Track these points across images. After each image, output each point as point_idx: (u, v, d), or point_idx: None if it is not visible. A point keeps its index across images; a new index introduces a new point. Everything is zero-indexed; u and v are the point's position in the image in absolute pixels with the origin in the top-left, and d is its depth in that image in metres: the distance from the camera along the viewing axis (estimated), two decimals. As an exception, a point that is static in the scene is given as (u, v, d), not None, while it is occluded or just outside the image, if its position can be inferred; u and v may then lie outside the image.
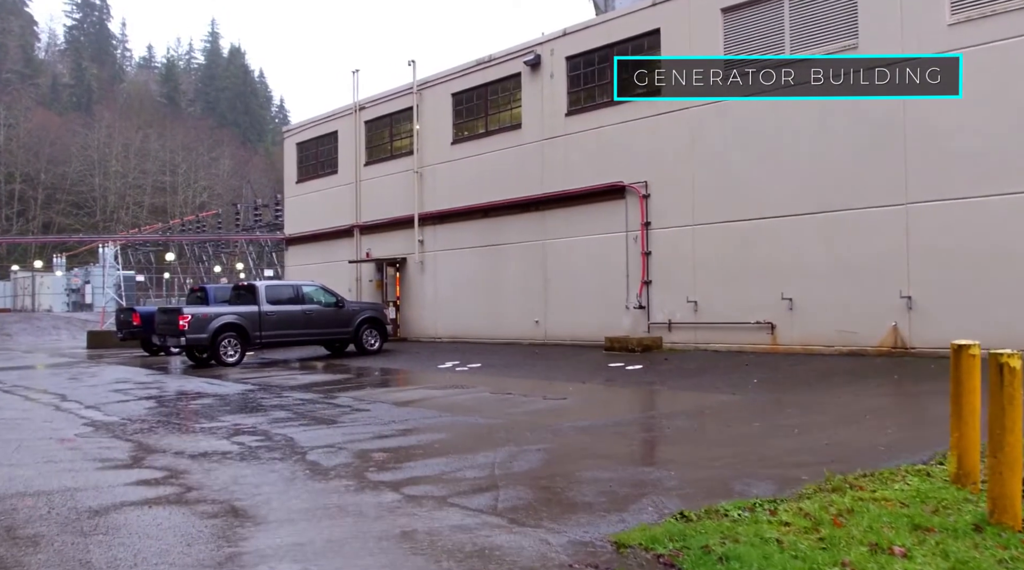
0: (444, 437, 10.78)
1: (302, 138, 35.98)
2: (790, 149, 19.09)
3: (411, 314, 29.86)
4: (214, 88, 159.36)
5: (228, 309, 23.52)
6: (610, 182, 22.81)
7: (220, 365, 22.86)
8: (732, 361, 18.48)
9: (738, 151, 20.01)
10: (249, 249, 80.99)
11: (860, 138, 17.91)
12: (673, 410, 12.68)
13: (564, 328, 24.20)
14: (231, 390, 17.20)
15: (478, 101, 27.47)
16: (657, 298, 21.84)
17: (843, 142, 18.20)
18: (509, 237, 25.99)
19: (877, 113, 17.64)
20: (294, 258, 36.65)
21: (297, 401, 15.04)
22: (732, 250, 20.11)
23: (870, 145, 17.78)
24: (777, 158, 19.29)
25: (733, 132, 20.09)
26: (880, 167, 17.60)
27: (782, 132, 19.21)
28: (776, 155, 19.30)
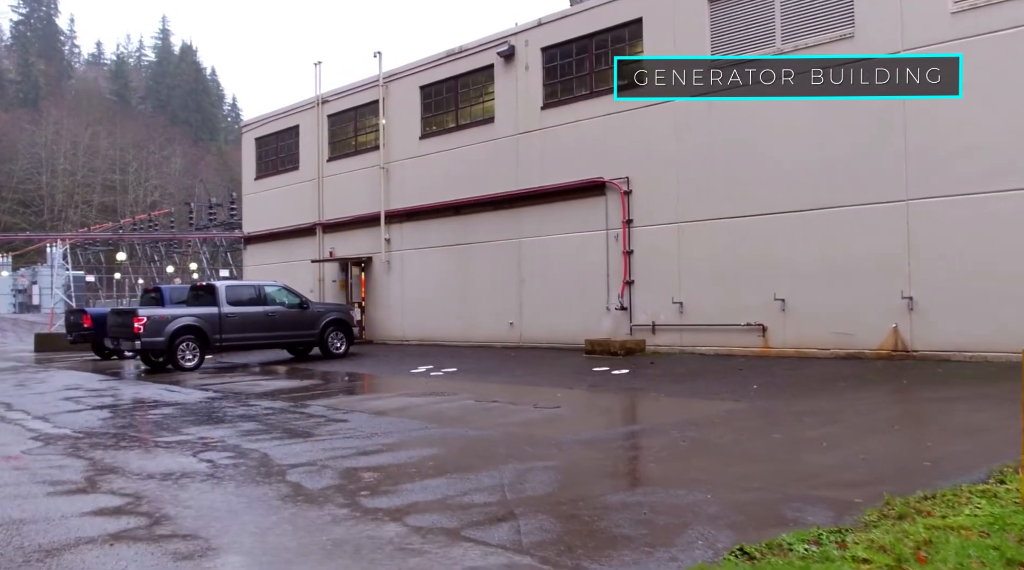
0: (437, 453, 9.73)
1: (261, 133, 34.63)
2: (783, 142, 18.27)
3: (377, 316, 28.71)
4: (165, 86, 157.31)
5: (186, 311, 22.23)
6: (589, 178, 21.87)
7: (178, 370, 21.56)
8: (723, 365, 17.61)
9: (727, 145, 19.16)
10: (203, 249, 79.08)
11: (858, 131, 17.13)
12: (679, 419, 11.72)
13: (540, 330, 23.21)
14: (192, 398, 15.98)
15: (448, 94, 26.39)
16: (640, 299, 20.92)
17: (840, 135, 17.41)
18: (481, 235, 24.95)
19: (876, 105, 16.86)
20: (252, 257, 35.29)
21: (266, 410, 13.88)
22: (721, 249, 19.26)
23: (869, 138, 17.00)
24: (769, 152, 18.46)
25: (721, 125, 19.23)
26: (879, 161, 16.83)
27: (774, 125, 18.39)
28: (768, 149, 18.48)
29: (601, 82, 22.03)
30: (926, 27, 16.29)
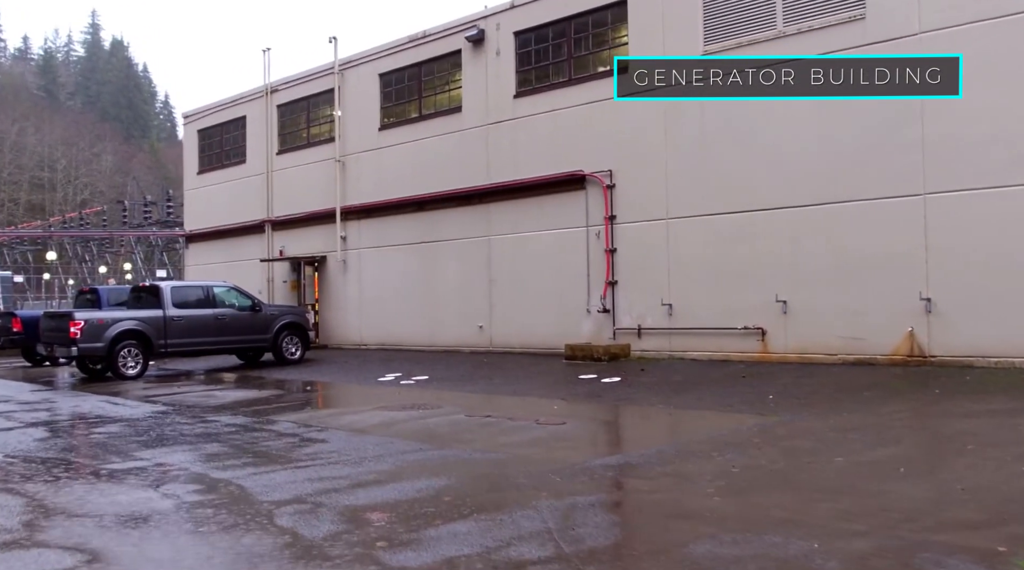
0: (449, 484, 8.16)
1: (205, 124, 32.56)
2: (784, 132, 16.99)
3: (332, 319, 26.93)
4: (95, 82, 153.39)
5: (128, 314, 20.30)
6: (568, 171, 20.41)
7: (119, 379, 19.64)
8: (722, 372, 16.27)
9: (722, 134, 17.83)
10: (137, 249, 76.01)
11: (869, 118, 15.89)
12: (709, 438, 10.29)
13: (513, 334, 21.68)
14: (140, 412, 14.18)
15: (410, 82, 24.74)
16: (624, 301, 19.51)
17: (849, 122, 16.17)
18: (448, 232, 23.34)
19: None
20: (195, 257, 33.20)
21: (228, 427, 12.18)
22: (715, 247, 17.92)
23: (881, 126, 15.77)
24: (769, 142, 17.16)
25: (716, 112, 17.90)
26: (893, 152, 15.61)
27: (773, 113, 17.09)
28: (768, 138, 17.18)
29: (581, 69, 20.58)
30: (941, 8, 15.11)
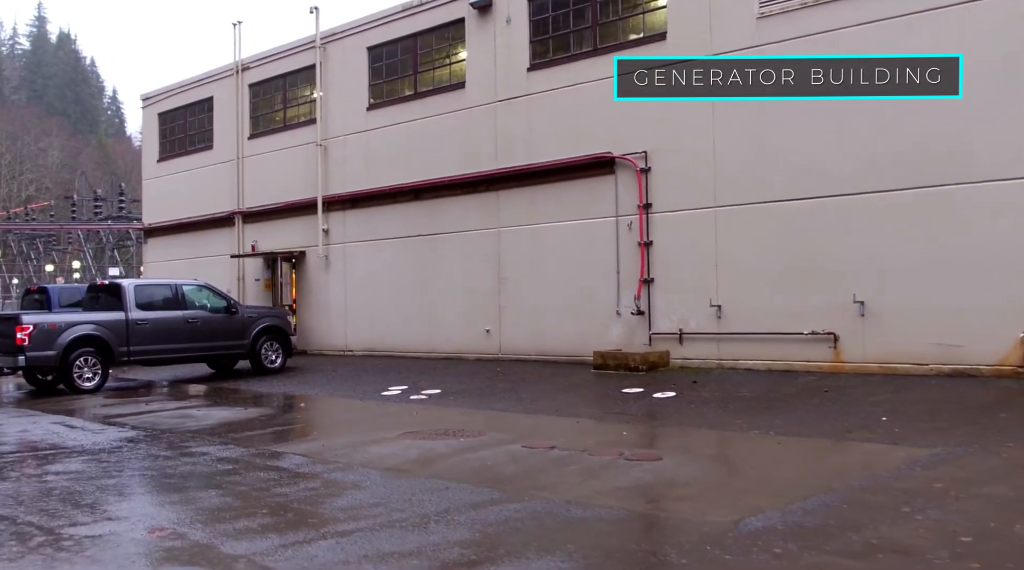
0: (576, 567, 5.57)
1: (166, 107, 29.50)
2: (861, 101, 14.56)
3: (312, 321, 24.13)
4: (41, 75, 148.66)
5: (84, 317, 17.41)
6: (594, 153, 17.86)
7: (74, 392, 16.80)
8: (793, 385, 13.84)
9: (784, 106, 15.38)
10: (87, 246, 72.14)
11: (973, 80, 13.49)
12: (870, 480, 7.78)
13: (526, 340, 19.09)
14: (105, 440, 11.38)
15: (404, 56, 22.03)
16: (662, 301, 17.02)
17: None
18: (449, 224, 20.67)
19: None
20: (155, 252, 30.13)
21: (222, 464, 9.47)
22: (775, 239, 15.49)
23: (988, 90, 13.39)
24: (843, 114, 14.75)
25: (776, 80, 15.45)
26: (1004, 124, 13.24)
27: (846, 76, 14.65)
28: (842, 109, 14.76)
29: (608, 37, 18.05)
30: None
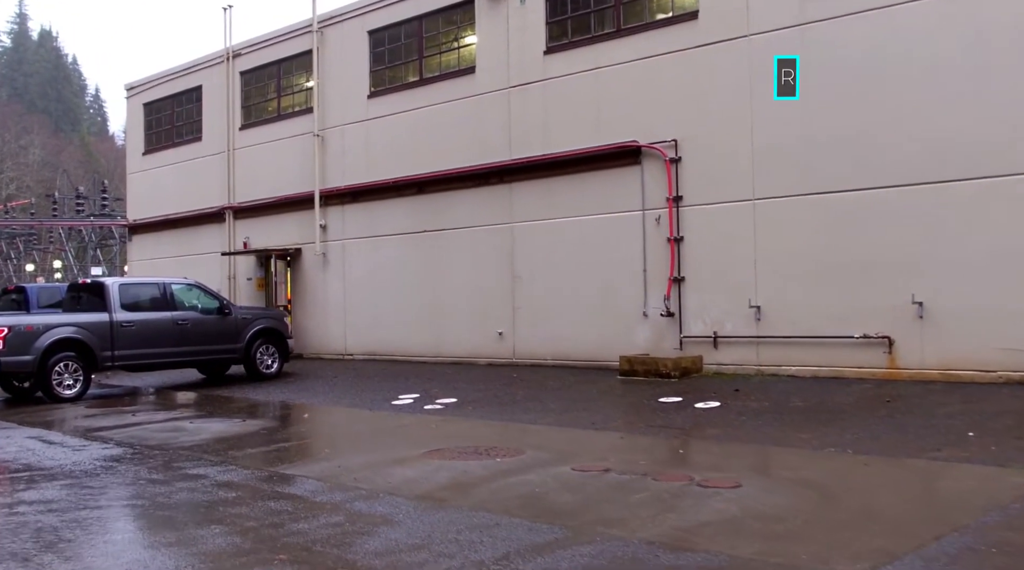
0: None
1: (152, 96, 28.00)
2: (921, 81, 13.30)
3: (308, 323, 22.71)
4: (22, 73, 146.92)
5: (64, 319, 15.99)
6: (618, 142, 16.55)
7: (53, 401, 15.45)
8: (848, 395, 12.54)
9: (831, 89, 14.10)
10: (69, 245, 70.32)
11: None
12: (1008, 511, 6.49)
13: (543, 343, 17.75)
14: (86, 459, 9.97)
15: (408, 40, 20.66)
16: (695, 302, 15.70)
17: (1016, 64, 12.51)
18: (457, 219, 19.31)
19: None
20: (140, 250, 28.62)
21: (224, 490, 8.09)
22: (822, 234, 14.19)
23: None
24: (899, 96, 13.46)
25: (822, 60, 14.18)
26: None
27: (908, 56, 13.41)
28: (897, 92, 13.48)
29: (633, 17, 16.73)
30: None
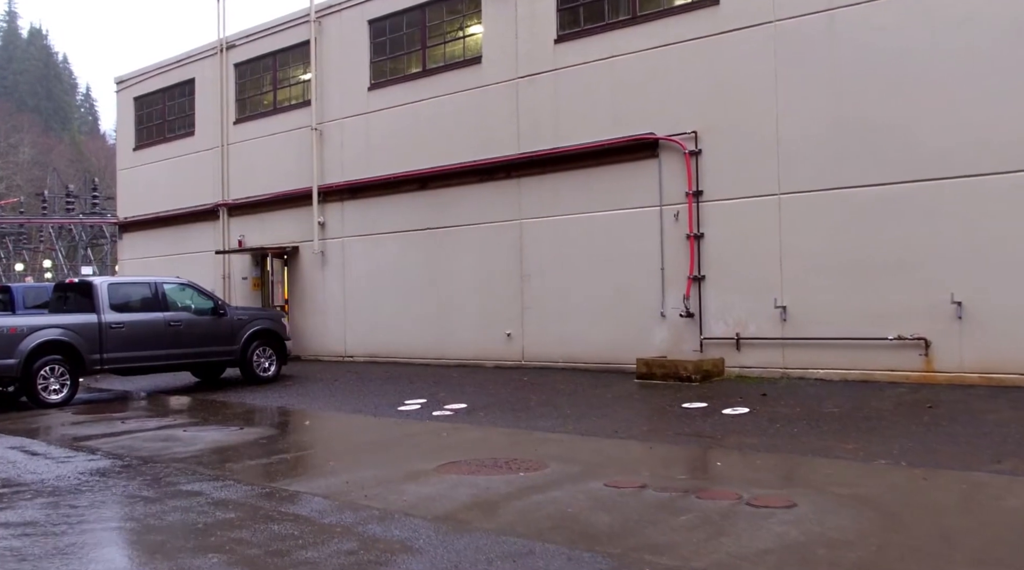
0: None
1: (143, 90, 27.17)
2: (956, 68, 12.57)
3: (306, 324, 21.90)
4: (12, 71, 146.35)
5: (50, 320, 15.17)
6: (633, 135, 15.80)
7: (38, 406, 14.66)
8: (883, 400, 11.79)
9: (861, 77, 13.38)
10: (59, 244, 69.32)
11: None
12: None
13: (553, 345, 16.98)
14: (71, 472, 9.16)
15: (411, 29, 19.87)
16: (716, 302, 14.96)
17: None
18: (463, 216, 18.54)
19: None
20: (131, 249, 27.78)
21: (218, 509, 7.30)
22: (852, 231, 13.45)
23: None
24: (934, 84, 12.74)
25: (852, 47, 13.45)
26: None
27: (943, 42, 12.68)
28: (932, 79, 12.76)
29: (649, 2, 15.98)
30: None
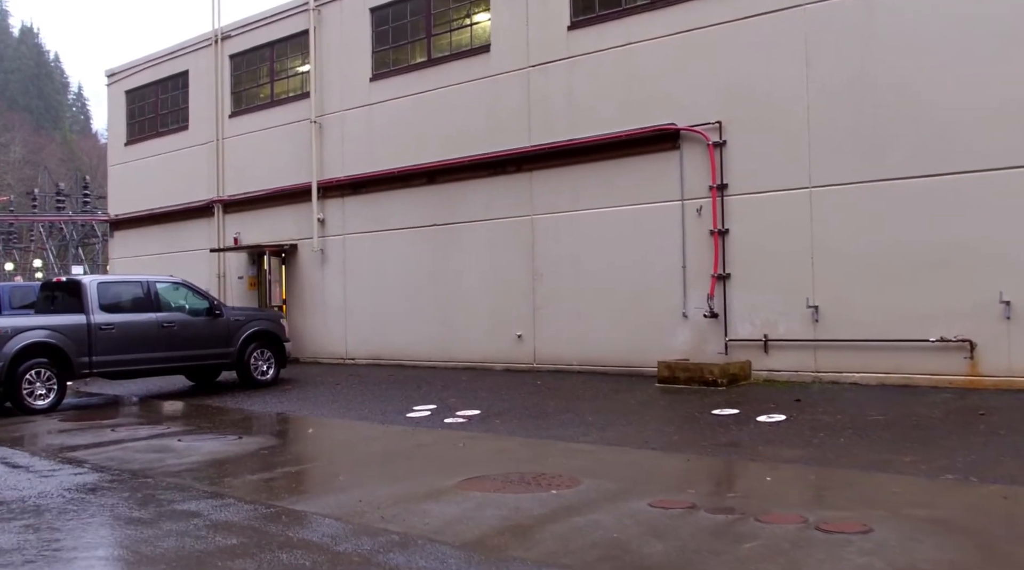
0: None
1: (135, 83, 26.29)
2: (1005, 50, 11.79)
3: (306, 325, 21.06)
4: (3, 70, 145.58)
5: (37, 321, 14.32)
6: (653, 126, 15.00)
7: (23, 413, 13.81)
8: (929, 405, 11.01)
9: (900, 61, 12.59)
10: (49, 244, 68.33)
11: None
12: None
13: (567, 347, 16.17)
14: (54, 487, 8.31)
15: (415, 16, 19.05)
16: (742, 302, 14.15)
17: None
18: (471, 212, 17.73)
19: None
20: (123, 247, 26.89)
21: (218, 533, 6.47)
22: (890, 226, 12.66)
23: None
24: (980, 67, 11.96)
25: (890, 28, 12.67)
26: None
27: (991, 21, 11.91)
28: (978, 62, 11.97)
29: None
30: None
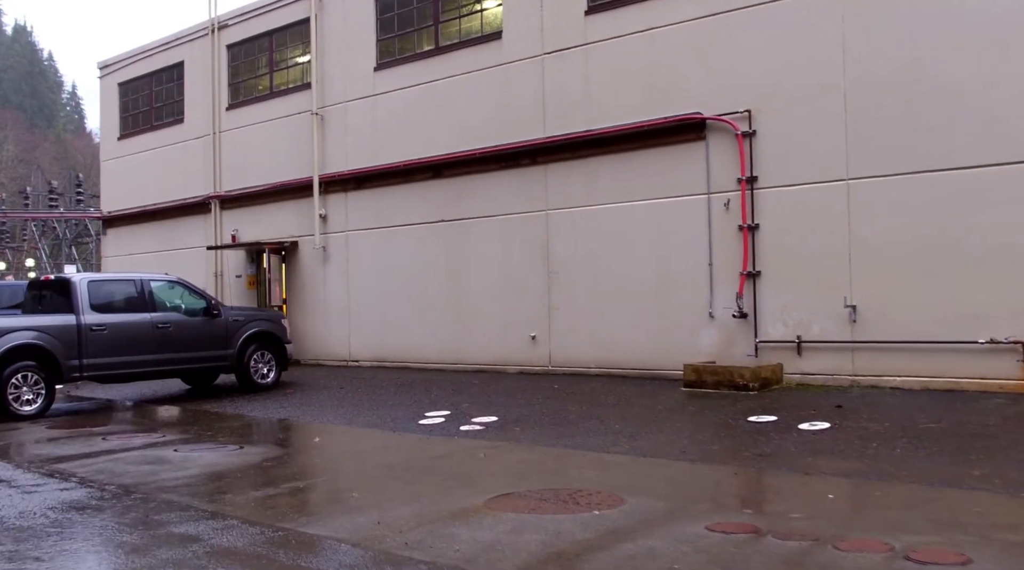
0: None
1: (128, 75, 25.43)
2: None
3: (307, 325, 20.23)
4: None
5: (24, 322, 13.50)
6: (677, 115, 14.20)
7: (9, 418, 13.02)
8: (983, 411, 10.25)
9: (946, 44, 11.81)
10: (42, 243, 67.39)
11: None
12: None
13: (585, 349, 15.38)
14: (38, 506, 7.49)
15: (422, 3, 18.22)
16: (773, 301, 13.36)
17: None
18: (481, 207, 16.92)
19: None
20: (116, 245, 26.04)
21: (220, 562, 5.68)
22: (934, 221, 11.88)
23: None
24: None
25: (936, 7, 11.88)
26: None
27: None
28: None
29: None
30: None
